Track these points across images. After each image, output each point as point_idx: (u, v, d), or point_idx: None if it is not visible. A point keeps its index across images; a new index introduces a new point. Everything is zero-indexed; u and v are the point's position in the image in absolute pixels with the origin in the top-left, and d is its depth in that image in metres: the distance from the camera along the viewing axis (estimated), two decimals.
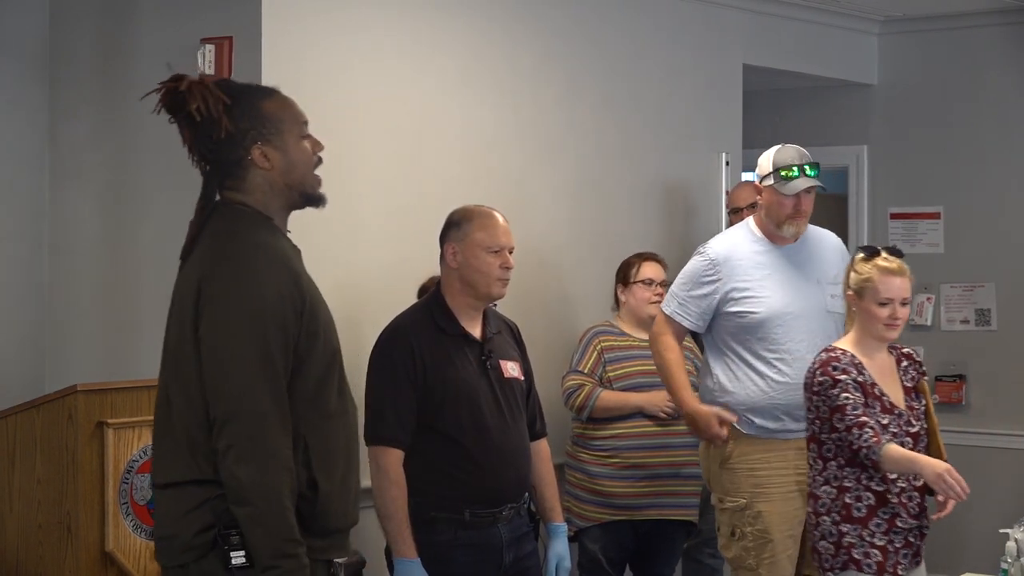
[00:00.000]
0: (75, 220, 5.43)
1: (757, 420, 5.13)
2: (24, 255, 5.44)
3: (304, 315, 3.28)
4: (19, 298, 5.43)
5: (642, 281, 5.74)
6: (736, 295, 5.19)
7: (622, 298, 5.80)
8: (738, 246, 5.27)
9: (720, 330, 5.23)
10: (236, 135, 3.29)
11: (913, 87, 7.61)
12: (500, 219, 4.72)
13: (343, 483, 3.36)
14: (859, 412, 4.42)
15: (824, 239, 5.37)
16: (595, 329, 5.75)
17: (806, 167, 5.18)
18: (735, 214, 6.23)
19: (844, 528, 4.50)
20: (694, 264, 5.29)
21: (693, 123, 6.63)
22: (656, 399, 5.59)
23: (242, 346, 3.19)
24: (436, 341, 4.61)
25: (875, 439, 4.36)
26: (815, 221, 5.35)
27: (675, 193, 6.53)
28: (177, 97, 3.27)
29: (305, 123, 3.40)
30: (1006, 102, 7.39)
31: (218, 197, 3.36)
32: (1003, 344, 7.35)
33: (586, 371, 5.66)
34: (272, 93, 3.39)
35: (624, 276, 5.80)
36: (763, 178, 5.23)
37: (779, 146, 5.25)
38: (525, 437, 4.73)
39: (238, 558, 3.19)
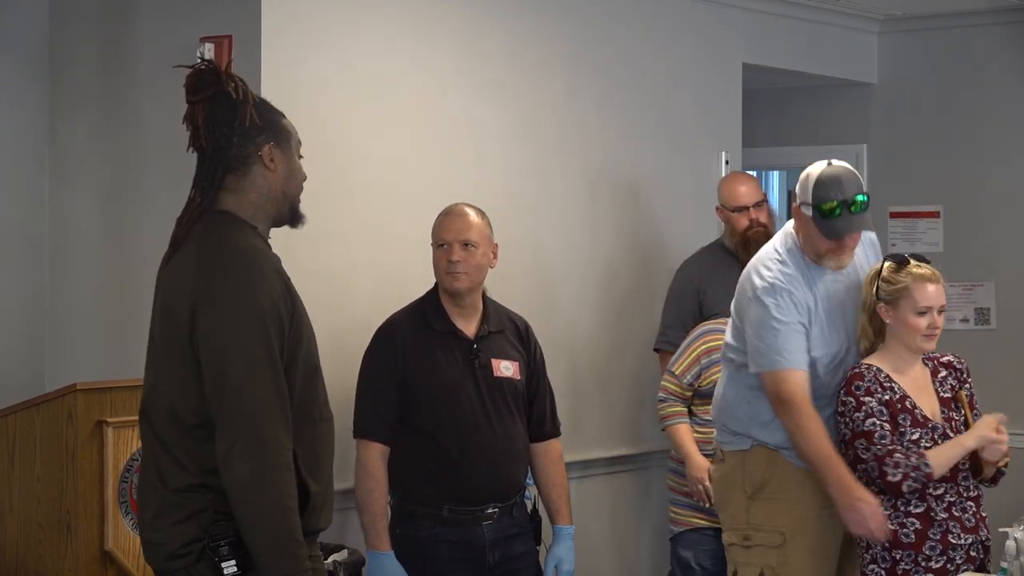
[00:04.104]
0: (75, 220, 5.43)
1: None
2: (24, 255, 5.44)
3: (293, 319, 3.31)
4: (19, 298, 5.42)
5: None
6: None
7: None
8: (797, 269, 4.43)
9: None
10: (253, 130, 3.35)
11: (913, 86, 7.59)
12: (456, 214, 4.71)
13: (327, 486, 3.39)
14: (887, 442, 4.20)
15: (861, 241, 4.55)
16: (704, 327, 5.43)
17: (851, 205, 4.31)
18: (739, 213, 5.78)
19: (897, 555, 4.27)
20: (770, 303, 4.36)
21: (693, 122, 6.61)
22: (698, 469, 5.20)
23: (249, 345, 3.20)
24: (422, 338, 4.64)
25: (915, 457, 4.17)
26: None
27: (675, 192, 6.51)
28: (208, 77, 3.33)
29: (300, 145, 3.49)
30: (1006, 101, 7.37)
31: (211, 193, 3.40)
32: (1003, 343, 7.34)
33: (678, 372, 5.41)
34: (283, 115, 3.49)
35: None
36: (801, 203, 4.41)
37: (824, 164, 4.41)
38: (516, 437, 4.70)
39: (229, 568, 3.21)
